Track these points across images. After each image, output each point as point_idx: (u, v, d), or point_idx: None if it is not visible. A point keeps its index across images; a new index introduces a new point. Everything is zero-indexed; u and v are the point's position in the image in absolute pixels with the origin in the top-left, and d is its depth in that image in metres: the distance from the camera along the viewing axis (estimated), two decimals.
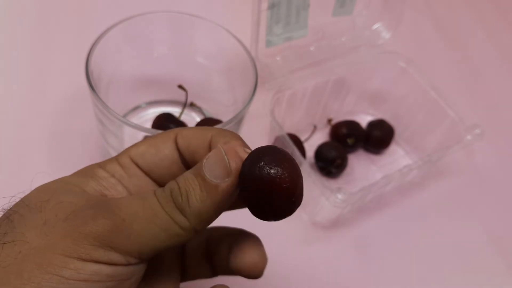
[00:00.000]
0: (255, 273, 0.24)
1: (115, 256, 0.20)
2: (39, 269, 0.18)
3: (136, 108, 0.45)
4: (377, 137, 0.48)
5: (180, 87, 0.43)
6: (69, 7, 0.53)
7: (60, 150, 0.42)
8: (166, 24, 0.41)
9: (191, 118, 0.45)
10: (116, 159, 0.24)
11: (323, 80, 0.45)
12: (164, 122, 0.41)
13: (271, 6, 0.41)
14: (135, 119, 0.44)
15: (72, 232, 0.19)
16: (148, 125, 0.42)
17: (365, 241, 0.42)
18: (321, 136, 0.49)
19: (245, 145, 0.23)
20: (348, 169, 0.46)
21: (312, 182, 0.38)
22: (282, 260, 0.40)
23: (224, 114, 0.41)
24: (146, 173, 0.24)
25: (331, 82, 0.46)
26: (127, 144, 0.37)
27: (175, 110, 0.44)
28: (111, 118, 0.33)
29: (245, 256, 0.24)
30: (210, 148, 0.23)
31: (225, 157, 0.21)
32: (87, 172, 0.23)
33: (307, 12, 0.44)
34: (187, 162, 0.24)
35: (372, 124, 0.49)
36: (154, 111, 0.45)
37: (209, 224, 0.22)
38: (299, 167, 0.22)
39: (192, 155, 0.24)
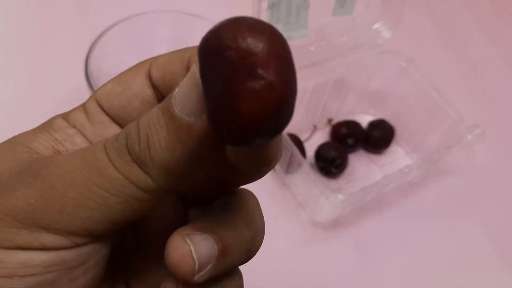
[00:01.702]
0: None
1: (49, 238, 0.14)
2: None
3: None
4: (378, 137, 0.48)
5: None
6: (68, 7, 0.53)
7: None
8: (166, 23, 0.41)
9: None
10: (83, 104, 0.18)
11: (323, 80, 0.45)
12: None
13: (271, 6, 0.41)
14: None
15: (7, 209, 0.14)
16: None
17: (365, 241, 0.42)
18: (321, 136, 0.49)
19: None
20: (348, 169, 0.46)
21: (312, 182, 0.38)
22: (282, 260, 0.40)
23: None
24: (114, 120, 0.18)
25: (331, 82, 0.46)
26: None
27: None
28: None
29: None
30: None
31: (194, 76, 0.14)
32: (43, 125, 0.18)
33: (307, 12, 0.44)
34: (162, 92, 0.18)
35: (372, 124, 0.49)
36: None
37: (187, 181, 0.15)
38: (282, 38, 0.13)
39: (170, 89, 0.16)
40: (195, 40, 0.42)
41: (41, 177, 0.15)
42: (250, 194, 0.19)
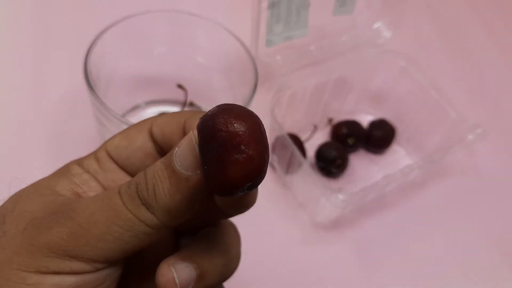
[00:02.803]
0: None
1: (77, 265, 0.18)
2: None
3: (135, 108, 0.45)
4: (378, 137, 0.48)
5: (180, 86, 0.42)
6: (68, 7, 0.53)
7: (59, 150, 0.42)
8: (166, 23, 0.41)
9: None
10: (94, 153, 0.22)
11: (323, 79, 0.45)
12: None
13: (271, 5, 0.41)
14: (134, 118, 0.44)
15: (27, 245, 0.18)
16: None
17: (366, 242, 0.42)
18: (321, 136, 0.49)
19: None
20: (348, 169, 0.46)
21: (312, 182, 0.38)
22: (283, 260, 0.40)
23: None
24: (121, 167, 0.22)
25: (331, 82, 0.46)
26: None
27: (174, 110, 0.44)
28: (110, 117, 0.33)
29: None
30: (184, 135, 0.21)
31: (196, 145, 0.18)
32: (62, 170, 0.22)
33: (308, 11, 0.44)
34: (162, 148, 0.22)
35: (373, 124, 0.49)
36: (153, 111, 0.45)
37: (184, 219, 0.20)
38: (259, 123, 0.18)
39: (168, 145, 0.22)
40: (195, 39, 0.41)
41: (71, 218, 0.18)
42: (229, 225, 0.24)
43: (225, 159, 0.17)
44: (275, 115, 0.40)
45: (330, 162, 0.44)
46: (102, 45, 0.36)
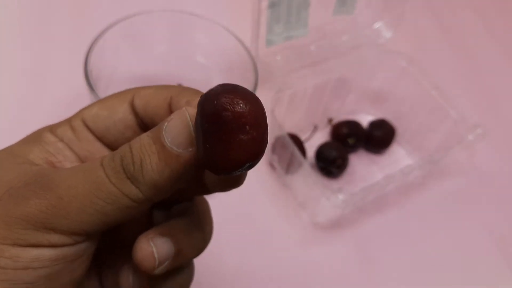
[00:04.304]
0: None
1: (55, 238, 0.18)
2: None
3: None
4: (378, 137, 0.48)
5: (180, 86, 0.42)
6: (68, 7, 0.53)
7: None
8: (166, 23, 0.41)
9: None
10: (69, 121, 0.22)
11: (323, 79, 0.45)
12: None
13: (272, 5, 0.41)
14: None
15: (4, 216, 0.17)
16: None
17: (366, 242, 0.42)
18: (321, 136, 0.49)
19: None
20: (349, 169, 0.46)
21: (312, 182, 0.38)
22: (283, 260, 0.40)
23: None
24: (99, 138, 0.22)
25: (332, 82, 0.46)
26: None
27: None
28: None
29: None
30: (170, 110, 0.21)
31: (190, 122, 0.18)
32: (34, 138, 0.21)
33: (308, 11, 0.44)
34: (147, 126, 0.21)
35: (373, 124, 0.49)
36: None
37: (168, 194, 0.19)
38: (262, 105, 0.18)
39: (151, 118, 0.21)
40: (195, 39, 0.41)
41: (50, 189, 0.18)
42: (203, 201, 0.24)
43: (229, 139, 0.17)
44: (275, 115, 0.40)
45: (330, 162, 0.44)
46: (102, 45, 0.36)
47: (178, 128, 0.18)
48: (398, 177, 0.40)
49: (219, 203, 0.43)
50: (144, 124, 0.22)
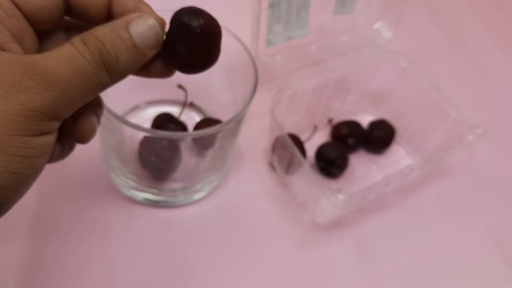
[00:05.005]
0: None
1: (56, 124, 0.21)
2: (3, 154, 0.19)
3: (135, 108, 0.45)
4: (378, 137, 0.48)
5: (180, 86, 0.42)
6: None
7: None
8: (166, 23, 0.41)
9: (191, 118, 0.45)
10: None
11: (323, 79, 0.45)
12: (164, 122, 0.41)
13: (272, 5, 0.41)
14: (134, 119, 0.44)
15: (22, 111, 0.19)
16: (148, 125, 0.42)
17: (366, 242, 0.42)
18: (321, 136, 0.49)
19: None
20: (349, 170, 0.46)
21: (312, 183, 0.38)
22: (283, 260, 0.40)
23: (224, 114, 0.41)
24: (25, 16, 0.23)
25: (332, 82, 0.46)
26: (126, 144, 0.37)
27: (174, 110, 0.44)
28: (110, 118, 0.33)
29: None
30: (110, 7, 0.23)
31: (158, 28, 0.23)
32: None
33: (308, 11, 0.44)
34: (73, 11, 0.24)
35: (373, 124, 0.49)
36: (154, 111, 0.45)
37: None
38: (216, 20, 0.24)
39: (82, 6, 0.23)
40: None
41: (51, 82, 0.20)
42: None
43: (204, 47, 0.24)
44: (275, 115, 0.40)
45: (330, 162, 0.44)
46: None
47: (147, 32, 0.22)
48: (398, 177, 0.40)
49: (218, 204, 0.43)
50: (71, 9, 0.23)
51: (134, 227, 0.40)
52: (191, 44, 0.23)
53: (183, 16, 0.23)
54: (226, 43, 0.39)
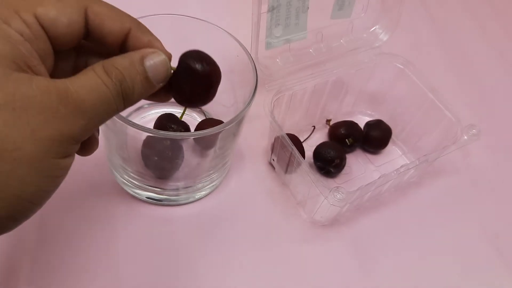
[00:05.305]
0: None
1: (78, 146, 0.23)
2: (38, 174, 0.21)
3: (138, 109, 0.46)
4: (375, 137, 0.48)
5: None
6: None
7: None
8: (168, 26, 0.41)
9: (192, 119, 0.46)
10: (17, 13, 0.22)
11: (322, 81, 0.45)
12: (166, 122, 0.42)
13: (271, 9, 0.41)
14: (137, 119, 0.45)
15: (59, 137, 0.21)
16: (150, 125, 0.43)
17: (363, 239, 0.43)
18: (320, 136, 0.49)
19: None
20: (346, 169, 0.47)
21: (311, 182, 0.38)
22: (282, 258, 0.41)
23: (224, 115, 0.42)
24: (50, 38, 0.23)
25: (330, 83, 0.47)
26: (129, 144, 0.38)
27: (176, 111, 0.45)
28: (114, 119, 0.33)
29: None
30: (127, 40, 0.25)
31: (169, 65, 0.25)
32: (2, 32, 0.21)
33: (306, 14, 0.44)
34: (91, 36, 0.25)
35: (370, 125, 0.49)
36: (156, 112, 0.45)
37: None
38: (214, 62, 0.27)
39: (101, 35, 0.24)
40: (196, 42, 0.42)
41: (82, 111, 0.22)
42: None
43: (203, 89, 0.27)
44: (274, 116, 0.41)
45: (328, 162, 0.45)
46: None
47: (159, 67, 0.25)
48: (394, 177, 0.40)
49: (219, 202, 0.43)
50: (90, 34, 0.25)
51: (137, 224, 0.40)
52: (194, 85, 0.27)
53: (190, 60, 0.26)
54: (227, 46, 0.40)
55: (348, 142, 0.47)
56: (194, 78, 0.26)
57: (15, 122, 0.20)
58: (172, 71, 0.26)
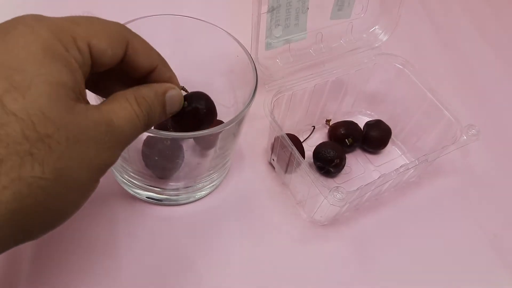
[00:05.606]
0: None
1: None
2: (83, 198, 0.24)
3: None
4: (375, 137, 0.48)
5: (182, 88, 0.43)
6: (70, 11, 0.54)
7: None
8: (168, 27, 0.41)
9: None
10: (75, 40, 0.23)
11: (321, 81, 0.45)
12: (166, 122, 0.42)
13: (271, 10, 0.42)
14: None
15: (103, 166, 0.24)
16: None
17: (362, 239, 0.43)
18: (320, 136, 0.50)
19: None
20: (346, 169, 0.47)
21: (311, 181, 0.38)
22: (281, 257, 0.41)
23: (225, 115, 0.42)
24: (92, 66, 0.24)
25: (329, 84, 0.47)
26: (130, 144, 0.38)
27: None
28: None
29: None
30: (152, 71, 0.28)
31: (182, 99, 0.29)
32: (61, 59, 0.22)
33: (306, 15, 0.45)
34: (123, 64, 0.26)
35: (369, 125, 0.49)
36: None
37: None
38: (214, 105, 0.32)
39: (133, 67, 0.27)
40: (197, 42, 0.42)
41: (120, 144, 0.25)
42: None
43: (202, 121, 0.32)
44: (274, 116, 0.41)
45: (328, 161, 0.45)
46: None
47: (175, 101, 0.29)
48: (394, 177, 0.40)
49: (219, 202, 0.43)
50: (122, 63, 0.26)
51: (137, 224, 0.40)
52: (196, 119, 0.31)
53: (194, 100, 0.31)
54: (227, 46, 0.40)
55: (347, 142, 0.47)
56: (197, 114, 0.31)
57: (77, 154, 0.22)
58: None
